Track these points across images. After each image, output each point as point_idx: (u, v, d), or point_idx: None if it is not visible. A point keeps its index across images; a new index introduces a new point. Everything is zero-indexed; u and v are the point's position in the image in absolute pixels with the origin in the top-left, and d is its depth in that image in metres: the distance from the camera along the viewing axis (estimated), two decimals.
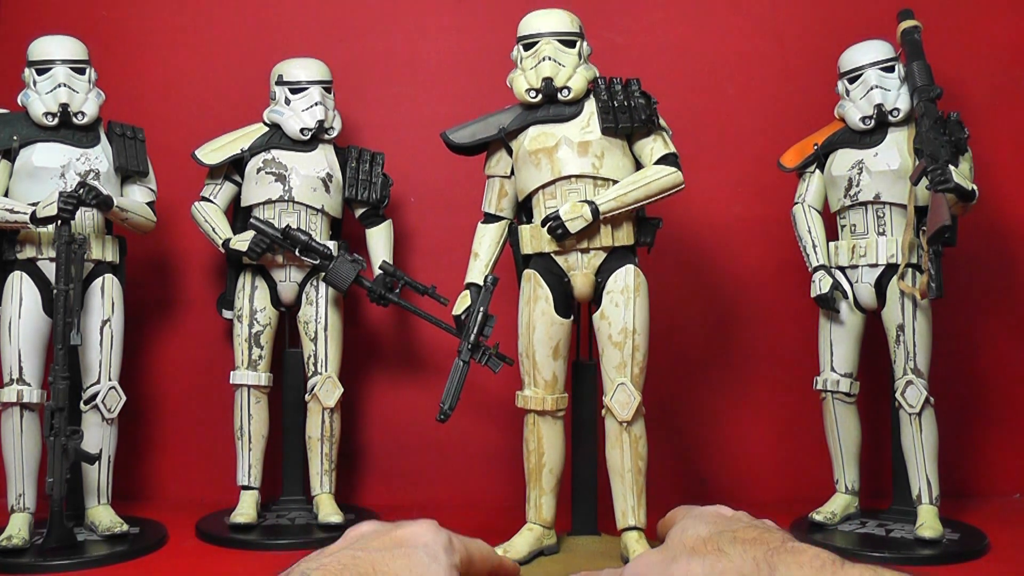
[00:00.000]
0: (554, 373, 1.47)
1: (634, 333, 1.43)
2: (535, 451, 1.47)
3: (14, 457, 1.53)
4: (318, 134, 1.72)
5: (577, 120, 1.47)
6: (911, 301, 1.58)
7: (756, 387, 1.96)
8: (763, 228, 1.94)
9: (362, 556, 0.81)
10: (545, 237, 1.45)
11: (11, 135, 1.58)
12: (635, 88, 1.47)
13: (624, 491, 1.42)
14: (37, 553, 1.45)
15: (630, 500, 1.42)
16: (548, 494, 1.47)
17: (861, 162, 1.62)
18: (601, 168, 1.45)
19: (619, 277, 1.44)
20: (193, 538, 1.62)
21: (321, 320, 1.70)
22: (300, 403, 1.73)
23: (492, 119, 1.52)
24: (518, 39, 1.53)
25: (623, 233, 1.45)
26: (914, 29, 1.63)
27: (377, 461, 1.97)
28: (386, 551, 0.83)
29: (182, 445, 1.97)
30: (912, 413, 1.58)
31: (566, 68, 1.47)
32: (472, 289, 1.52)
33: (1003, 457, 1.95)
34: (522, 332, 1.49)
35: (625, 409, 1.42)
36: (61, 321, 1.48)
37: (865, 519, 1.67)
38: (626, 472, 1.42)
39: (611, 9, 2.00)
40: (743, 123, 1.98)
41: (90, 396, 1.60)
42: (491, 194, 1.56)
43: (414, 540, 0.85)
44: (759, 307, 1.96)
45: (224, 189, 1.75)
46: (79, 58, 1.63)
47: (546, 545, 1.47)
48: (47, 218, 1.51)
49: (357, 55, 1.99)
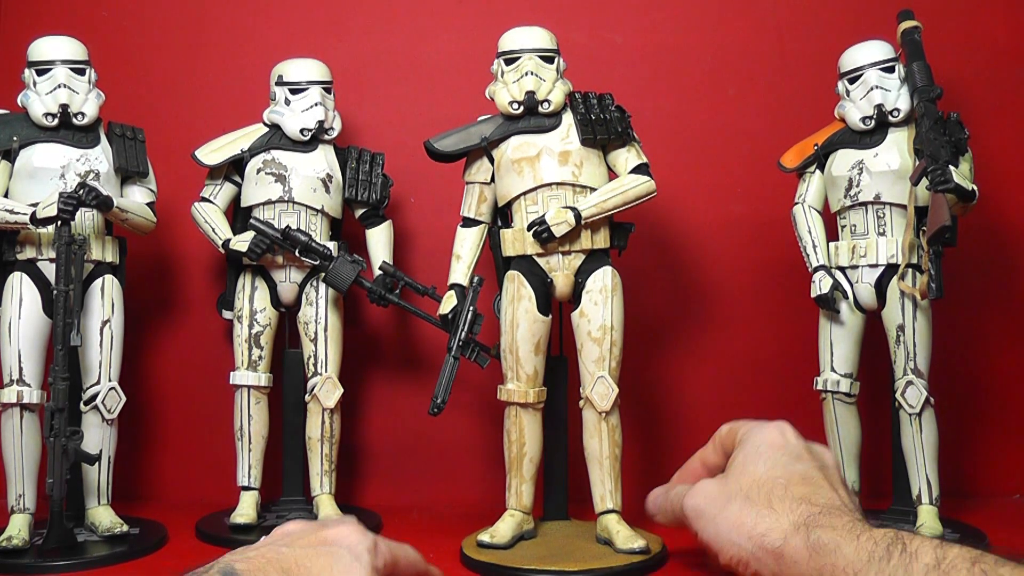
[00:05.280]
0: (535, 368, 1.55)
1: (612, 329, 1.52)
2: (516, 441, 1.56)
3: (14, 458, 1.53)
4: (318, 134, 1.72)
5: (557, 131, 1.56)
6: (911, 301, 1.58)
7: (756, 387, 1.96)
8: (763, 228, 1.94)
9: (286, 552, 0.81)
10: (528, 240, 1.53)
11: (11, 136, 1.58)
12: (609, 102, 1.58)
13: (602, 477, 1.52)
14: (37, 553, 1.45)
15: (608, 485, 1.51)
16: (528, 482, 1.56)
17: (861, 162, 1.62)
18: (580, 176, 1.54)
19: (598, 278, 1.54)
20: (193, 538, 1.62)
21: (321, 320, 1.71)
22: (300, 403, 1.73)
23: (473, 129, 1.60)
24: (499, 54, 1.59)
25: (600, 237, 1.55)
26: (914, 29, 1.63)
27: (377, 461, 1.97)
28: (311, 548, 0.83)
29: (182, 445, 1.97)
30: (912, 413, 1.58)
31: (546, 83, 1.56)
32: (456, 289, 1.60)
33: (1003, 457, 1.95)
34: (505, 329, 1.56)
35: (604, 400, 1.51)
36: (61, 322, 1.48)
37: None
38: (604, 459, 1.51)
39: (611, 8, 2.00)
40: (743, 123, 1.98)
41: (90, 397, 1.60)
42: (471, 199, 1.63)
43: (339, 540, 0.85)
44: (759, 307, 1.96)
45: (224, 189, 1.75)
46: (79, 58, 1.63)
47: (526, 530, 1.55)
48: (47, 219, 1.51)
49: (357, 55, 1.99)
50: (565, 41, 1.64)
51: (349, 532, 0.85)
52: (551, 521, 1.65)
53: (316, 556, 0.81)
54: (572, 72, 1.62)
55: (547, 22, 1.62)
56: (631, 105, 1.59)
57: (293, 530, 0.88)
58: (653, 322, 1.97)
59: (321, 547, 0.83)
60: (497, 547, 1.48)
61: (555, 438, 1.64)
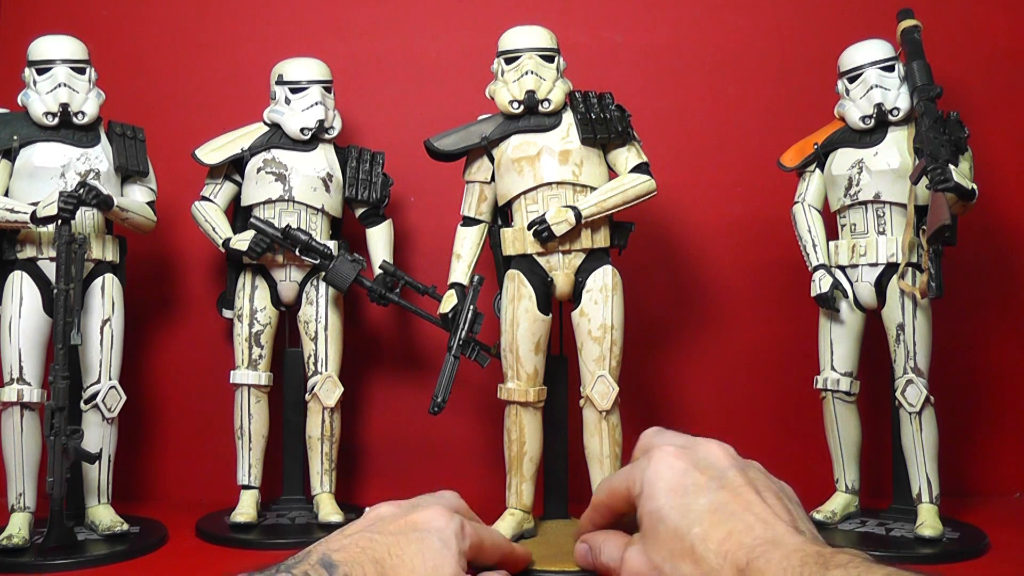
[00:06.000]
0: (535, 367, 1.55)
1: (612, 329, 1.52)
2: (516, 440, 1.56)
3: (14, 457, 1.53)
4: (318, 134, 1.72)
5: (557, 131, 1.56)
6: (911, 300, 1.58)
7: (756, 386, 1.96)
8: (762, 227, 1.94)
9: (379, 539, 0.84)
10: (528, 239, 1.53)
11: (11, 135, 1.58)
12: (609, 101, 1.57)
13: (602, 475, 1.51)
14: (37, 553, 1.45)
15: None
16: (528, 481, 1.56)
17: (861, 161, 1.62)
18: (580, 175, 1.54)
19: (598, 277, 1.53)
20: (193, 538, 1.62)
21: (321, 320, 1.71)
22: (300, 403, 1.73)
23: (473, 128, 1.60)
24: (499, 53, 1.59)
25: (600, 236, 1.55)
26: (914, 29, 1.63)
27: (377, 460, 1.97)
28: (401, 535, 0.85)
29: (182, 444, 1.97)
30: (912, 412, 1.58)
31: (546, 82, 1.56)
32: (457, 288, 1.59)
33: (1003, 457, 1.95)
34: (506, 328, 1.56)
35: (604, 399, 1.51)
36: (61, 321, 1.48)
37: (865, 518, 1.67)
38: (604, 458, 1.52)
39: (611, 7, 2.01)
40: (743, 123, 1.98)
41: (90, 396, 1.60)
42: (471, 198, 1.63)
43: (427, 524, 0.87)
44: (759, 306, 1.96)
45: (224, 189, 1.75)
46: (79, 58, 1.63)
47: (526, 529, 1.55)
48: (47, 218, 1.51)
49: (357, 55, 1.99)
50: (565, 41, 1.64)
51: (437, 515, 0.88)
52: (551, 520, 1.65)
53: (407, 543, 0.84)
54: (572, 72, 1.63)
55: (547, 22, 1.62)
56: (631, 105, 1.59)
57: (384, 513, 0.91)
58: (653, 321, 1.97)
59: (411, 532, 0.85)
60: None
61: (555, 437, 1.64)
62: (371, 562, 0.79)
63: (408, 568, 0.81)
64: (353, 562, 0.79)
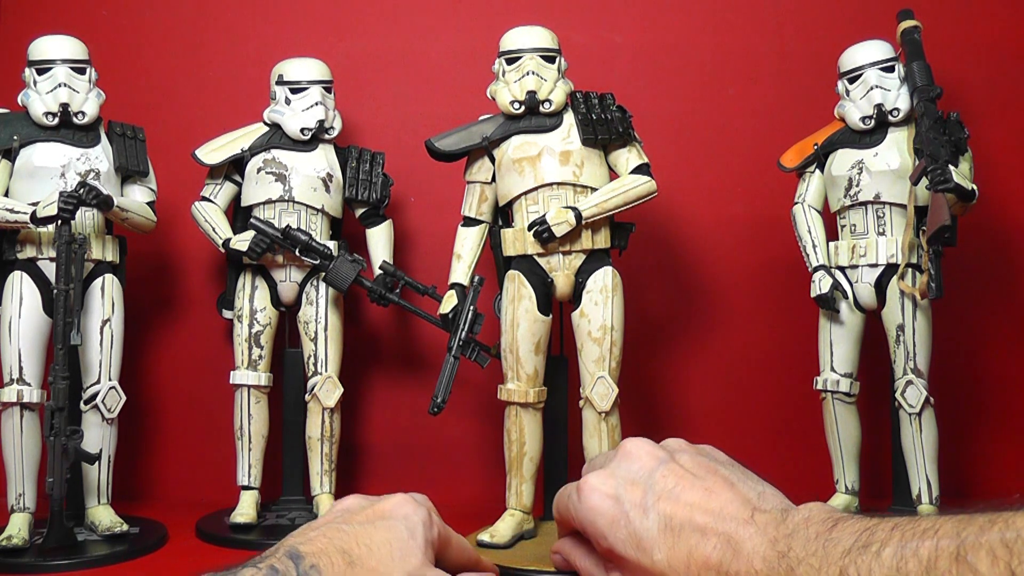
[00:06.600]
0: (535, 367, 1.55)
1: (612, 330, 1.52)
2: (516, 441, 1.55)
3: (14, 457, 1.53)
4: (318, 134, 1.72)
5: (558, 131, 1.56)
6: (911, 301, 1.58)
7: (756, 386, 1.96)
8: (762, 228, 1.94)
9: (346, 529, 0.84)
10: (529, 240, 1.53)
11: (11, 135, 1.58)
12: (610, 102, 1.58)
13: None
14: (37, 553, 1.45)
15: None
16: (528, 481, 1.56)
17: (861, 162, 1.62)
18: (581, 176, 1.54)
19: (598, 278, 1.53)
20: (193, 538, 1.62)
21: (321, 320, 1.71)
22: (300, 403, 1.73)
23: (474, 128, 1.60)
24: (500, 53, 1.59)
25: (601, 237, 1.55)
26: (914, 29, 1.63)
27: (377, 461, 1.97)
28: (368, 524, 0.86)
29: (182, 445, 1.97)
30: (912, 413, 1.58)
31: (548, 82, 1.56)
32: (457, 289, 1.59)
33: (1003, 458, 1.95)
34: (506, 329, 1.56)
35: (604, 400, 1.51)
36: (61, 321, 1.48)
37: None
38: None
39: (611, 7, 2.00)
40: (743, 123, 1.98)
41: (90, 396, 1.60)
42: (472, 199, 1.63)
43: (393, 512, 0.88)
44: (759, 307, 1.96)
45: (224, 189, 1.75)
46: (79, 58, 1.63)
47: (526, 530, 1.55)
48: (47, 218, 1.51)
49: (357, 55, 1.99)
50: (565, 41, 1.64)
51: (403, 503, 0.88)
52: (551, 521, 1.64)
53: (374, 531, 0.84)
54: (572, 72, 1.63)
55: (547, 22, 1.62)
56: (631, 105, 1.60)
57: (351, 505, 0.91)
58: (653, 322, 1.97)
59: (378, 521, 0.86)
60: (497, 547, 1.48)
61: (555, 438, 1.64)
62: (338, 552, 0.80)
63: (376, 557, 0.81)
64: (320, 553, 0.79)
